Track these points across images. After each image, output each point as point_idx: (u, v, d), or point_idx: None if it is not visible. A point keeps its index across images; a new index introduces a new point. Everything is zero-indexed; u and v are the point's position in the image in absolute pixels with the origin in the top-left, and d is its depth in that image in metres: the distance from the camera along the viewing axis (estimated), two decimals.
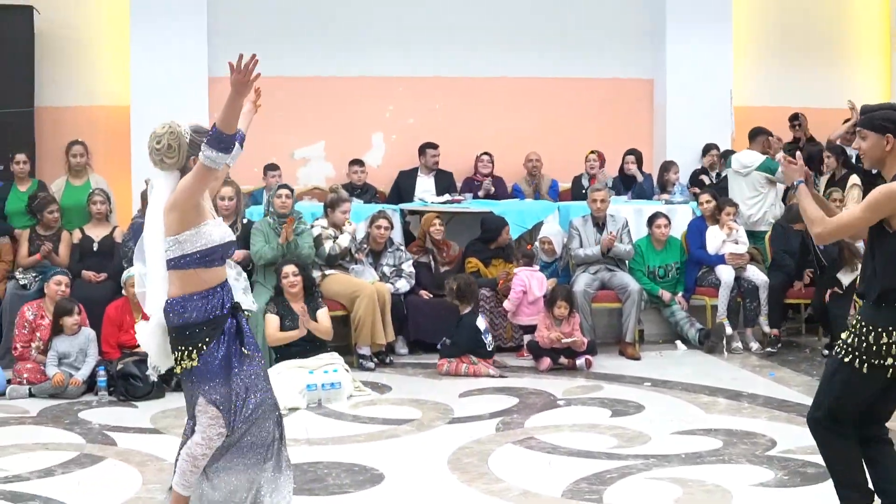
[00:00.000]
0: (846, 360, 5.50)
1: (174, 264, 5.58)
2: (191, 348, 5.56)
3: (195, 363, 5.56)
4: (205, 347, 5.56)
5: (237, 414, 5.64)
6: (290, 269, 10.24)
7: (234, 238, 5.84)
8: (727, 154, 14.24)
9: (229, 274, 5.88)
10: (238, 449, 5.72)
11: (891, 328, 5.36)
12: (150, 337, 5.70)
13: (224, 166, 5.67)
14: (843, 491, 5.71)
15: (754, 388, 9.83)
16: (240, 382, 5.65)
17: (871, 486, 5.70)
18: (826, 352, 11.01)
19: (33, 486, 6.99)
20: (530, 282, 11.51)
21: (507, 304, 11.48)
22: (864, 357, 5.42)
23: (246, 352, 5.70)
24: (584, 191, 13.63)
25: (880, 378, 5.44)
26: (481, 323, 10.88)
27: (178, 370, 5.67)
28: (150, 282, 5.71)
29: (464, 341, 10.74)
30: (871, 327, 5.42)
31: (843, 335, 5.60)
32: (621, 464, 7.35)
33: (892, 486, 5.67)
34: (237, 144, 5.80)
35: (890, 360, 5.37)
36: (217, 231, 5.64)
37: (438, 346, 10.96)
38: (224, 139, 5.29)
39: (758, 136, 13.86)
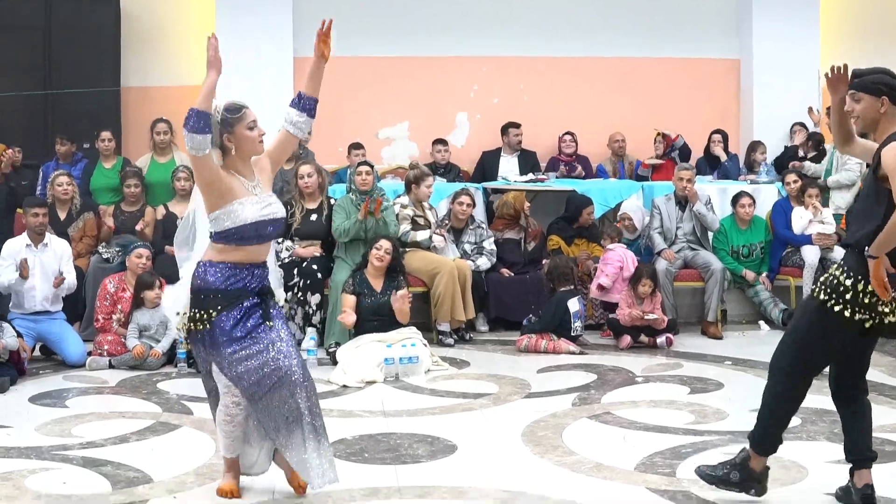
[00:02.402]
0: (823, 299, 5.61)
1: (213, 237, 5.74)
2: (202, 312, 5.66)
3: (207, 327, 5.66)
4: (214, 315, 5.65)
5: (252, 384, 5.72)
6: (386, 243, 10.25)
7: (272, 216, 5.83)
8: (814, 136, 14.06)
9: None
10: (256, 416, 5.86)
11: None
12: (175, 294, 5.93)
13: (287, 135, 5.97)
14: (763, 432, 5.96)
15: None
16: (253, 353, 5.71)
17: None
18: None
19: (107, 452, 7.07)
20: (626, 258, 11.44)
21: (604, 280, 11.30)
22: (840, 301, 5.56)
23: (270, 323, 5.79)
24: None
25: (854, 327, 5.59)
26: (574, 304, 10.70)
27: (186, 333, 5.83)
28: (196, 253, 5.88)
29: (549, 318, 10.66)
30: (851, 273, 5.55)
31: (822, 278, 5.74)
32: (697, 439, 7.30)
33: (856, 447, 5.90)
34: (306, 113, 5.97)
35: (865, 315, 5.54)
36: (248, 210, 5.68)
37: (524, 323, 10.90)
38: (192, 114, 5.42)
39: None
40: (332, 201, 11.32)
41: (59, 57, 13.70)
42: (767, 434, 5.93)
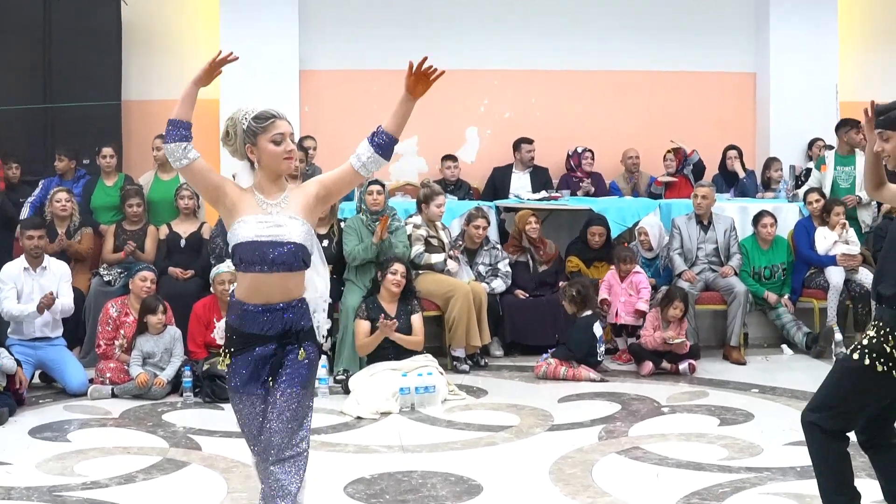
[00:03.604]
0: (865, 362, 5.36)
1: None
2: (224, 350, 5.11)
3: (224, 367, 5.12)
4: (228, 358, 5.05)
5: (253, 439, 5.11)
6: (401, 267, 9.93)
7: (274, 238, 4.98)
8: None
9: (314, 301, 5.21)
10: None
11: None
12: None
13: (350, 170, 5.16)
14: (832, 496, 5.66)
15: None
16: (258, 408, 5.06)
17: (857, 488, 5.69)
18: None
19: (112, 493, 6.77)
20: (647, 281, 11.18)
21: (642, 305, 10.94)
22: (883, 360, 5.32)
23: (271, 384, 5.01)
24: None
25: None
26: (598, 329, 10.39)
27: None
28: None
29: (576, 345, 10.32)
30: (890, 329, 5.33)
31: (862, 341, 5.46)
32: (734, 477, 6.98)
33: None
34: (376, 150, 5.16)
35: None
36: (247, 228, 4.99)
37: (550, 351, 10.51)
38: (169, 123, 4.99)
39: None
40: (343, 222, 10.99)
41: (59, 58, 13.37)
42: (837, 496, 5.67)
